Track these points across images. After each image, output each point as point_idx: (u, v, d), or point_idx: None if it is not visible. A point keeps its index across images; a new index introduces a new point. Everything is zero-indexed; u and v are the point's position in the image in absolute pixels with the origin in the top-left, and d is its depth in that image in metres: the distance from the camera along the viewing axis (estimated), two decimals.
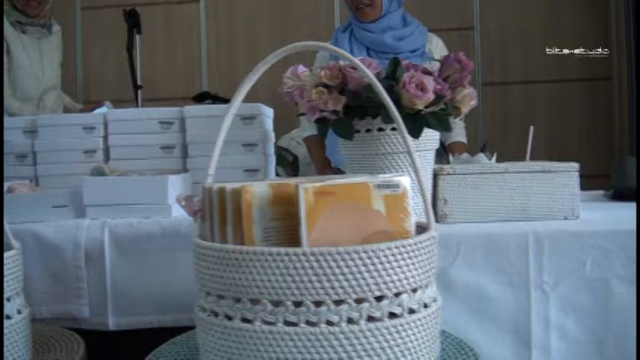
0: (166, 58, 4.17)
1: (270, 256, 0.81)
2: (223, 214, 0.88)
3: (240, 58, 4.19)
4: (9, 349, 0.97)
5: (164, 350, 1.03)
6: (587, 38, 3.53)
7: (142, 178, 1.31)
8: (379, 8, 2.15)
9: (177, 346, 1.05)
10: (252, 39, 4.16)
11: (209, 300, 0.88)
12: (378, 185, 0.88)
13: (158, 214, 1.29)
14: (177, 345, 1.05)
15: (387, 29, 2.17)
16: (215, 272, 0.85)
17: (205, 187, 0.93)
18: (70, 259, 1.27)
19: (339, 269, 0.81)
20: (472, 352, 1.03)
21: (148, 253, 1.26)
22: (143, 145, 1.53)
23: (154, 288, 1.25)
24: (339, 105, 1.23)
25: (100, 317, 1.27)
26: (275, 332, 0.82)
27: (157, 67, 4.07)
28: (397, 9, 2.20)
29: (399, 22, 2.19)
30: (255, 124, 1.48)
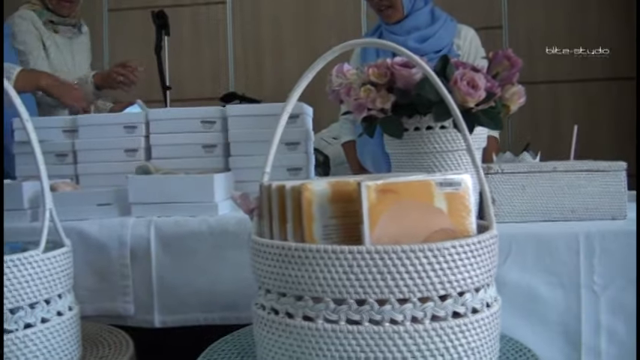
0: (193, 59, 4.18)
1: (333, 253, 0.80)
2: (283, 212, 0.87)
3: (267, 58, 4.19)
4: (60, 346, 0.97)
5: (217, 348, 1.02)
6: (612, 38, 3.49)
7: (188, 177, 1.31)
8: (401, 9, 2.13)
9: (230, 344, 1.04)
10: (278, 39, 4.16)
11: (269, 298, 0.87)
12: (440, 183, 0.87)
13: (204, 213, 1.28)
14: (229, 343, 1.05)
15: (413, 30, 2.15)
16: (276, 270, 0.84)
17: (263, 185, 0.93)
18: (116, 257, 1.27)
19: (403, 267, 0.80)
20: (530, 353, 1.01)
21: (194, 251, 1.25)
22: (184, 144, 1.53)
23: (201, 286, 1.25)
24: (388, 103, 1.21)
25: (146, 315, 1.27)
26: (338, 330, 0.81)
27: (183, 68, 4.08)
28: (423, 6, 2.17)
29: (426, 20, 2.16)
30: (298, 122, 1.48)
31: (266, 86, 4.19)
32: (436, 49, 2.11)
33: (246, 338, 1.07)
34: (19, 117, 0.99)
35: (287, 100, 0.98)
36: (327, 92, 1.32)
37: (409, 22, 2.14)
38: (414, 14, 2.14)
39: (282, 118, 0.98)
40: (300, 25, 4.12)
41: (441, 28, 2.16)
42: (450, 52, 2.11)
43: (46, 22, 2.27)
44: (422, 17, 2.15)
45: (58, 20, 2.30)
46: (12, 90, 0.98)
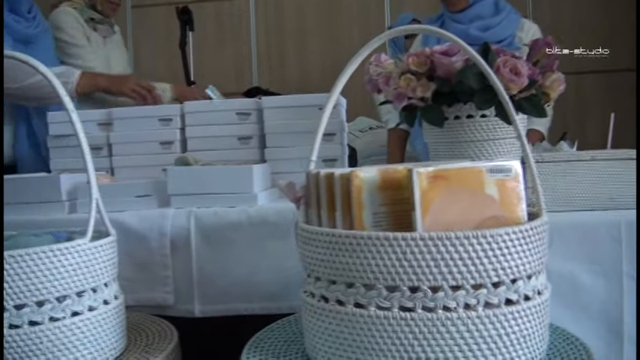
0: (216, 55, 4.19)
1: (386, 240, 0.79)
2: (331, 200, 0.87)
3: (290, 52, 4.19)
4: (107, 334, 0.98)
5: (263, 336, 1.02)
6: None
7: (228, 168, 1.31)
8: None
9: (275, 332, 1.04)
10: (302, 33, 4.16)
11: (318, 285, 0.86)
12: (491, 170, 0.86)
13: (243, 203, 1.28)
14: (275, 331, 1.04)
15: (475, 19, 2.13)
16: (326, 257, 0.84)
17: (310, 173, 0.92)
18: (156, 248, 1.27)
19: (457, 254, 0.79)
20: (578, 341, 1.00)
21: (234, 241, 1.25)
22: (220, 136, 1.53)
23: (241, 276, 1.25)
24: (428, 92, 1.21)
25: (186, 304, 1.27)
26: (390, 317, 0.80)
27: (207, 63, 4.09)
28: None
29: (490, 10, 2.15)
30: (334, 114, 1.47)
31: (289, 80, 4.19)
32: (498, 39, 2.07)
33: (291, 327, 1.06)
34: (65, 109, 0.99)
35: (332, 90, 0.98)
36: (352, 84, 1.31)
37: (473, 10, 2.13)
38: (478, 3, 2.13)
39: (327, 107, 0.97)
40: (323, 17, 4.11)
41: (505, 19, 2.14)
42: (512, 44, 2.08)
43: (87, 19, 2.30)
44: (486, 6, 2.14)
45: (98, 19, 2.34)
46: (57, 82, 0.98)
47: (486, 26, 2.12)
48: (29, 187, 1.40)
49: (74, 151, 1.62)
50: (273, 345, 0.99)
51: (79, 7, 2.29)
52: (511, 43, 2.07)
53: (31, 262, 0.90)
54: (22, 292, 0.90)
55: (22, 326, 0.90)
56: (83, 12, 2.29)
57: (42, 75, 0.98)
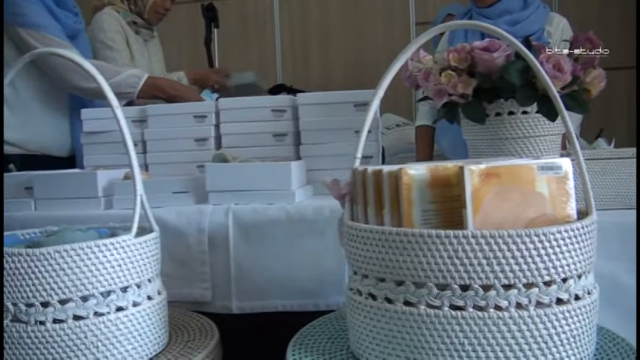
0: (240, 52, 4.19)
1: (437, 238, 0.78)
2: (379, 197, 0.86)
3: (314, 49, 4.19)
4: (150, 329, 0.98)
5: (306, 333, 1.02)
6: None
7: (266, 165, 1.30)
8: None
9: (318, 330, 1.03)
10: (325, 30, 4.15)
11: (366, 283, 0.86)
12: (541, 167, 0.85)
13: (281, 200, 1.28)
14: (317, 328, 1.04)
15: (504, 13, 2.11)
16: (375, 255, 0.83)
17: (356, 170, 0.91)
18: (194, 244, 1.27)
19: (509, 252, 0.78)
20: (624, 342, 0.99)
21: (272, 238, 1.25)
22: (255, 132, 1.52)
23: (279, 273, 1.24)
24: (469, 88, 1.19)
25: (224, 301, 1.27)
26: (441, 316, 0.79)
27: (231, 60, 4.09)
28: None
29: (519, 4, 2.12)
30: None
31: (313, 77, 4.18)
32: (527, 34, 2.04)
33: (332, 324, 1.06)
34: (110, 105, 0.99)
35: (378, 85, 0.97)
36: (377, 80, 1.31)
37: (501, 5, 2.11)
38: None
39: (374, 104, 0.97)
40: (347, 13, 4.10)
41: (533, 14, 2.12)
42: (541, 39, 2.06)
43: (130, 22, 2.36)
44: (515, 1, 2.12)
45: (141, 23, 2.40)
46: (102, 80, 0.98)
47: (515, 20, 2.10)
48: (66, 183, 1.41)
49: (107, 148, 1.64)
50: (317, 342, 0.98)
51: (121, 10, 2.34)
52: (540, 38, 2.05)
53: (76, 257, 0.90)
54: (67, 287, 0.90)
55: (67, 321, 0.90)
56: (126, 15, 2.35)
57: (87, 72, 0.98)
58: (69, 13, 1.98)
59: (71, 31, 1.95)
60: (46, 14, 1.87)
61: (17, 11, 1.84)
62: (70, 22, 1.96)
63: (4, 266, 0.91)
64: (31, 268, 0.89)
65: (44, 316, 0.90)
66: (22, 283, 0.90)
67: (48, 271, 0.89)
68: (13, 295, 0.91)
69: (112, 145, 1.64)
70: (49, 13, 1.88)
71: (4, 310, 0.92)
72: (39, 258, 0.89)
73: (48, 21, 1.86)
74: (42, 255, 0.89)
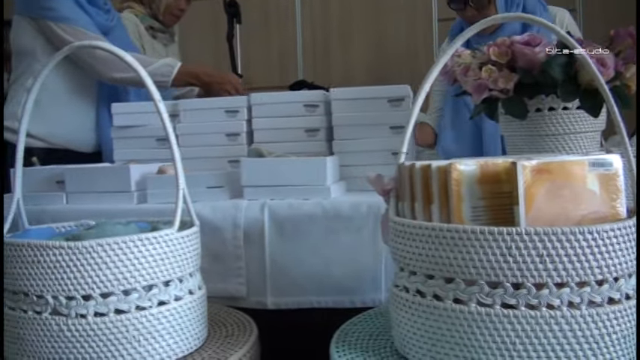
0: (261, 48, 4.18)
1: (490, 235, 0.77)
2: (427, 193, 0.84)
3: (335, 46, 4.17)
4: (192, 324, 0.97)
5: (347, 330, 1.01)
6: None
7: (302, 160, 1.29)
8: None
9: (359, 327, 1.02)
10: (347, 26, 4.13)
11: (414, 279, 0.84)
12: (592, 163, 0.83)
13: (317, 196, 1.26)
14: (358, 325, 1.03)
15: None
16: (424, 252, 0.82)
17: (403, 166, 0.90)
18: (229, 239, 1.26)
19: (563, 250, 0.76)
20: None
21: (308, 234, 1.23)
22: (287, 128, 1.51)
23: (314, 269, 1.23)
24: (510, 83, 1.17)
25: (259, 296, 1.26)
26: (492, 315, 0.78)
27: (252, 56, 4.10)
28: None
29: (519, 28, 2.00)
30: (403, 106, 1.44)
31: (334, 73, 4.17)
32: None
33: (373, 321, 1.04)
34: (152, 98, 0.99)
35: (424, 80, 0.95)
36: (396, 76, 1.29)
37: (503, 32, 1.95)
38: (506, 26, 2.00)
39: (419, 99, 0.94)
40: (369, 9, 4.08)
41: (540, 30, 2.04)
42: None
43: (147, 27, 2.36)
44: (514, 26, 2.00)
45: (158, 27, 2.40)
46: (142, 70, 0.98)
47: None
48: (99, 177, 1.40)
49: (137, 142, 1.64)
50: (359, 339, 0.97)
51: (140, 14, 2.34)
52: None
53: (119, 251, 0.89)
54: (110, 280, 0.89)
55: (109, 314, 0.90)
56: (144, 20, 2.35)
57: (127, 63, 0.98)
58: (99, 10, 1.98)
59: (102, 28, 1.95)
60: (76, 8, 1.87)
61: (46, 5, 1.84)
62: (100, 19, 1.96)
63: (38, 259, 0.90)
64: (72, 261, 0.89)
65: (85, 309, 0.90)
66: (64, 276, 0.90)
67: (90, 265, 0.89)
68: (54, 288, 0.90)
69: (143, 139, 1.64)
70: (80, 8, 1.88)
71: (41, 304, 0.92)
72: (81, 251, 0.89)
73: (79, 15, 1.87)
74: (84, 248, 0.88)
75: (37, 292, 0.91)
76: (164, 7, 2.37)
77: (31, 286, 0.92)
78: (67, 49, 1.03)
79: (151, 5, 2.36)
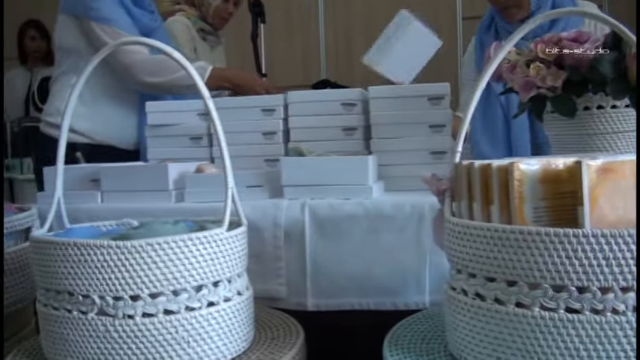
0: (284, 47, 4.17)
1: (556, 237, 0.75)
2: (487, 193, 0.82)
3: (358, 45, 4.15)
4: (240, 325, 0.96)
5: (398, 333, 0.98)
6: None
7: (343, 159, 1.27)
8: (527, 8, 1.93)
9: (409, 330, 1.00)
10: (370, 25, 4.11)
11: (473, 282, 0.82)
12: None
13: (359, 195, 1.24)
14: (408, 328, 1.00)
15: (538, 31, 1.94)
16: (485, 253, 0.80)
17: (460, 165, 0.88)
18: (269, 239, 1.25)
19: (629, 253, 0.74)
20: None
21: (350, 234, 1.21)
22: (324, 126, 1.49)
23: (356, 270, 1.21)
24: (559, 80, 1.15)
25: (299, 297, 1.24)
26: (556, 319, 0.76)
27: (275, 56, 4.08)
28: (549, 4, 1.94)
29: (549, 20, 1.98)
30: (443, 104, 1.42)
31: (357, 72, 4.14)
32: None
33: (423, 324, 1.02)
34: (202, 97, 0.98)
35: (481, 78, 0.92)
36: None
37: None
38: (539, 11, 1.93)
39: (476, 94, 0.92)
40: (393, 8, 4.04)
41: (567, 25, 2.00)
42: None
43: (198, 29, 2.41)
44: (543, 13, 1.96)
45: (208, 30, 2.45)
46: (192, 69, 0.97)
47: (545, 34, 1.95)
48: (135, 175, 1.39)
49: (171, 141, 1.63)
50: (411, 342, 0.95)
51: (192, 18, 2.39)
52: None
53: (169, 251, 0.88)
54: (159, 280, 0.88)
55: (157, 315, 0.88)
56: (196, 23, 2.39)
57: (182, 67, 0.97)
58: (144, 12, 1.99)
59: (146, 29, 1.95)
60: (119, 9, 1.88)
61: (90, 5, 1.86)
62: (145, 19, 1.97)
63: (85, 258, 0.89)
64: (121, 261, 0.88)
65: (133, 309, 0.88)
66: (112, 276, 0.88)
67: (139, 264, 0.87)
68: (100, 287, 0.89)
69: (177, 138, 1.63)
70: (123, 9, 1.89)
71: (87, 304, 0.90)
72: (130, 251, 0.87)
73: (119, 16, 1.88)
74: (133, 248, 0.87)
75: (83, 291, 0.90)
76: (213, 10, 2.41)
77: (76, 286, 0.90)
78: (113, 45, 1.02)
79: (201, 8, 2.40)
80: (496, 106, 2.00)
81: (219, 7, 2.43)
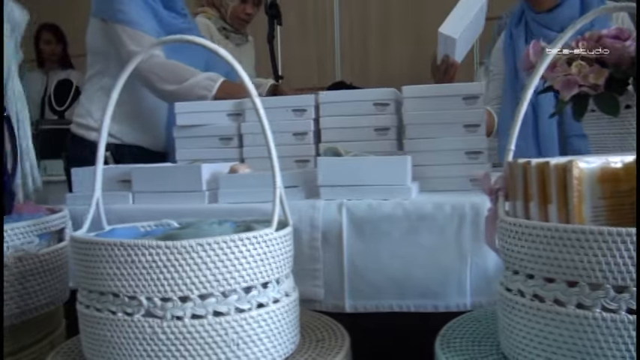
0: (299, 49, 4.17)
1: (618, 236, 0.73)
2: (544, 192, 0.81)
3: (373, 47, 4.15)
4: (288, 327, 0.94)
5: (447, 335, 0.97)
6: None
7: (381, 159, 1.26)
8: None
9: (457, 332, 0.99)
10: (386, 26, 4.10)
11: (531, 283, 0.81)
12: None
13: (398, 196, 1.23)
14: (456, 331, 0.99)
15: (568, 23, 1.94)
16: (544, 253, 0.78)
17: (514, 163, 0.86)
18: (306, 240, 1.24)
19: None
20: None
21: (388, 235, 1.20)
22: (356, 127, 1.48)
23: (395, 271, 1.20)
24: (602, 79, 1.13)
25: (336, 299, 1.23)
26: (618, 321, 0.74)
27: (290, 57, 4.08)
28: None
29: (578, 9, 1.93)
30: (477, 104, 1.41)
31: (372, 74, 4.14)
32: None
33: (470, 326, 1.01)
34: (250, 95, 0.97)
35: (534, 74, 0.91)
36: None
37: (563, 11, 1.93)
38: (567, 1, 1.93)
39: (528, 92, 0.90)
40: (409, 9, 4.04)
41: (595, 19, 1.98)
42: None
43: (220, 28, 2.45)
44: (574, 6, 1.92)
45: (230, 28, 2.49)
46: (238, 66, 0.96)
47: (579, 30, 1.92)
48: (168, 176, 1.39)
49: (200, 142, 1.62)
50: (463, 344, 0.94)
51: (212, 17, 2.42)
52: None
53: (219, 251, 0.87)
54: (209, 281, 0.87)
55: (207, 317, 0.87)
56: (216, 22, 2.43)
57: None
58: (176, 14, 2.00)
59: (176, 32, 1.94)
60: (147, 14, 1.88)
61: (119, 7, 1.86)
62: (176, 22, 1.97)
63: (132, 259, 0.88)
64: (170, 261, 0.86)
65: (182, 311, 0.87)
66: (160, 277, 0.87)
67: (189, 265, 0.86)
68: (148, 288, 0.88)
69: (206, 138, 1.62)
70: (150, 13, 1.89)
71: (133, 305, 0.89)
72: (180, 251, 0.86)
73: (145, 20, 1.87)
74: (184, 248, 0.86)
75: (130, 293, 0.89)
76: (231, 11, 2.44)
77: (122, 287, 0.89)
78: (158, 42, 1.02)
79: (220, 9, 2.44)
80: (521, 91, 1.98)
81: (237, 7, 2.46)
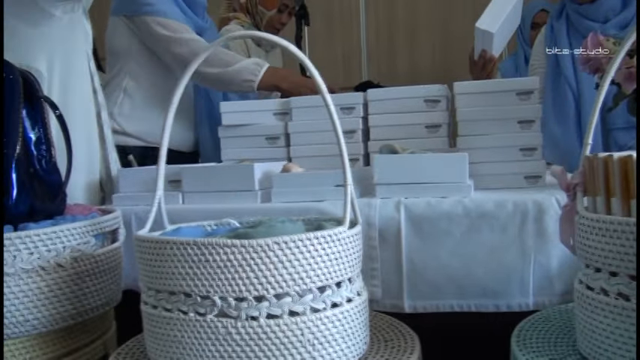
0: (326, 49, 4.16)
1: None
2: (627, 187, 0.79)
3: (400, 46, 4.12)
4: (360, 327, 0.93)
5: (522, 335, 0.96)
6: None
7: (440, 156, 1.25)
8: None
9: (530, 331, 0.97)
10: (413, 26, 4.08)
11: (614, 281, 0.79)
12: None
13: (457, 194, 1.22)
14: (530, 331, 0.98)
15: (610, 13, 1.91)
16: (630, 250, 0.77)
17: (596, 158, 0.85)
18: (363, 239, 1.22)
19: None
20: None
21: (448, 233, 1.19)
22: (406, 124, 1.47)
23: (455, 270, 1.18)
24: None
25: (394, 299, 1.22)
26: None
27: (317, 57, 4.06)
28: None
29: (620, 1, 1.91)
30: (532, 99, 1.39)
31: (399, 74, 4.12)
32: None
33: (542, 325, 0.99)
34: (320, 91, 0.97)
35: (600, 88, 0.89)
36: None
37: (606, 2, 1.91)
38: None
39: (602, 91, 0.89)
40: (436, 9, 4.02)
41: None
42: None
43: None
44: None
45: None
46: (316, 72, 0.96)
47: (623, 24, 1.89)
48: (219, 176, 1.39)
49: (246, 141, 1.62)
50: (539, 343, 0.92)
51: (245, 24, 2.42)
52: None
53: (295, 250, 0.86)
54: (285, 280, 0.86)
55: (282, 316, 0.86)
56: (249, 29, 2.42)
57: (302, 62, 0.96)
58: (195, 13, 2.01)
59: (197, 29, 1.96)
60: (173, 4, 1.90)
61: (145, 1, 1.87)
62: (196, 19, 1.99)
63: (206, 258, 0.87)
64: (245, 260, 0.85)
65: (257, 311, 0.86)
66: (235, 276, 0.86)
67: (265, 264, 0.85)
68: (222, 288, 0.87)
69: (252, 138, 1.62)
70: (177, 6, 1.91)
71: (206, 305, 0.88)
72: (255, 249, 0.85)
73: (174, 9, 1.90)
74: (259, 246, 0.85)
75: (203, 292, 0.88)
76: (267, 20, 2.43)
77: (195, 287, 0.88)
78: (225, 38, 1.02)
79: (255, 17, 2.43)
80: (566, 88, 1.97)
81: (274, 17, 2.46)
